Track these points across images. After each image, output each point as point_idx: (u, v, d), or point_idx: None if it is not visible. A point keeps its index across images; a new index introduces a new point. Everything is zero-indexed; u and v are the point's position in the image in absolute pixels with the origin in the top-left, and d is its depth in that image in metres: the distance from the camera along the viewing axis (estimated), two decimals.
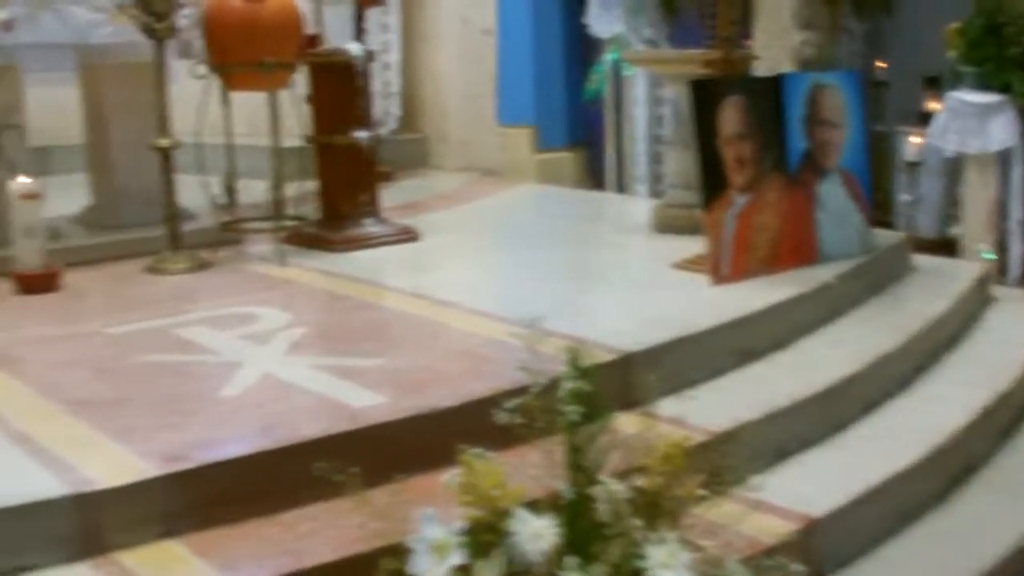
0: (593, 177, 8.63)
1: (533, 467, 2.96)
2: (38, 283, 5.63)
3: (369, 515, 2.86)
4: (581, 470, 2.92)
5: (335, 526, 3.32)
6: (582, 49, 8.47)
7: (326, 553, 3.25)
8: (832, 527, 3.87)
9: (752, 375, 4.68)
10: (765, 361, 4.80)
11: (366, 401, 3.89)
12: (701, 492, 2.99)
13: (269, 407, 3.89)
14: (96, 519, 3.28)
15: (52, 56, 6.35)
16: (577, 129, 8.70)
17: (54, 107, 7.69)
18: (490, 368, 4.17)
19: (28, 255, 5.68)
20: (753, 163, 5.36)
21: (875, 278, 5.75)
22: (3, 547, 3.18)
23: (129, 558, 3.25)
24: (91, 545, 3.27)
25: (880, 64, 8.31)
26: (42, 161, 7.68)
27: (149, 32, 5.90)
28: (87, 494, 3.28)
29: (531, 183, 8.40)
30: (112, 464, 3.44)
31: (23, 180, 5.73)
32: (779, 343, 4.93)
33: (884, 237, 6.16)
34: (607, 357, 4.18)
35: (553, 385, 2.94)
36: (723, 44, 5.60)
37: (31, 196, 5.69)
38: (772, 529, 3.62)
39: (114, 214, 6.64)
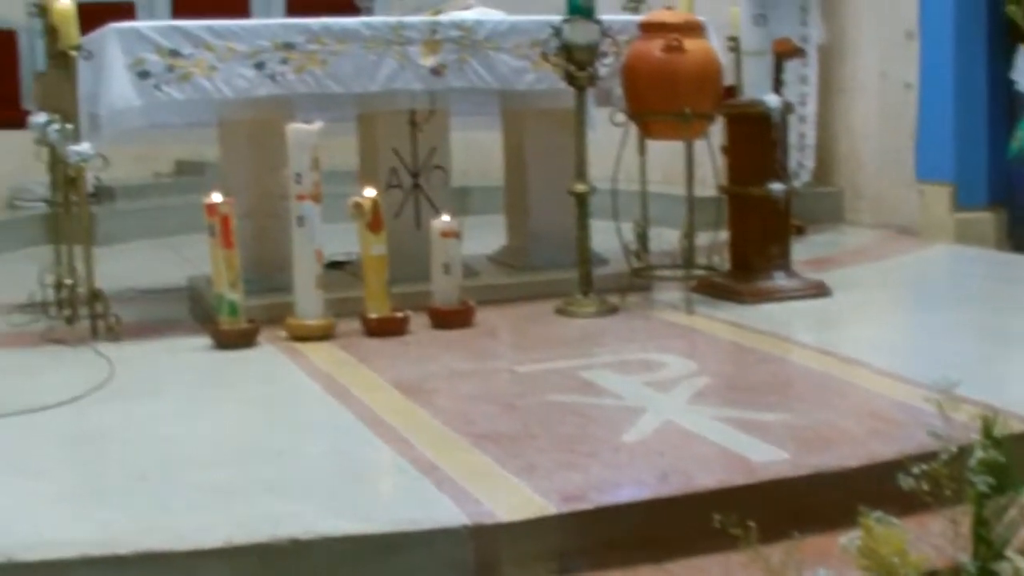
0: (1014, 239, 8.28)
1: (935, 536, 2.85)
2: (453, 319, 5.82)
3: (762, 571, 2.82)
4: (987, 543, 2.80)
5: None
6: (1007, 105, 8.15)
7: None
8: None
9: None
10: None
11: (766, 455, 3.83)
12: None
13: (669, 455, 3.88)
14: (493, 551, 3.35)
15: (477, 100, 6.58)
16: (999, 188, 8.36)
17: (476, 150, 7.99)
18: (897, 431, 4.04)
19: (445, 291, 5.89)
20: None
21: None
22: (403, 570, 3.29)
23: None
24: None
25: None
26: (462, 201, 8.00)
27: (571, 80, 6.04)
28: (486, 526, 3.35)
29: (948, 242, 8.14)
30: (512, 499, 3.50)
31: (444, 219, 5.95)
32: None
33: None
34: (1022, 428, 3.99)
35: (963, 453, 2.83)
36: None
37: (451, 234, 5.90)
38: None
39: (527, 255, 6.81)
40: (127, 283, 6.84)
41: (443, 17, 6.45)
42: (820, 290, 6.35)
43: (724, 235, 6.47)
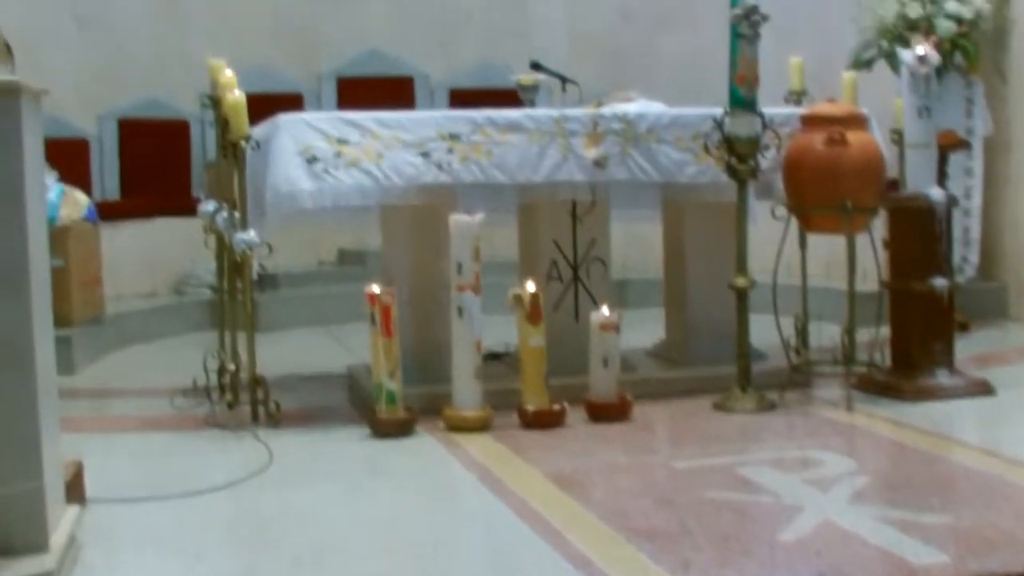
0: None
1: None
2: (610, 412, 5.81)
3: None
4: None
5: None
6: None
7: None
8: None
9: None
10: None
11: (928, 558, 3.74)
12: None
13: (827, 555, 3.81)
14: None
15: (638, 192, 6.58)
16: None
17: (636, 242, 7.99)
18: None
19: (602, 384, 5.87)
20: None
21: None
22: None
23: None
24: None
25: None
26: (621, 293, 7.99)
27: (732, 173, 6.03)
28: None
29: None
30: None
31: (603, 311, 5.95)
32: None
33: None
34: None
35: None
36: None
37: (610, 327, 5.89)
38: None
39: (686, 349, 6.78)
40: (288, 370, 6.96)
41: (605, 109, 6.48)
42: (984, 389, 6.21)
43: (886, 331, 6.37)
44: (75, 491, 4.26)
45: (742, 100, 5.99)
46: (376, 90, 11.03)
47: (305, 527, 4.27)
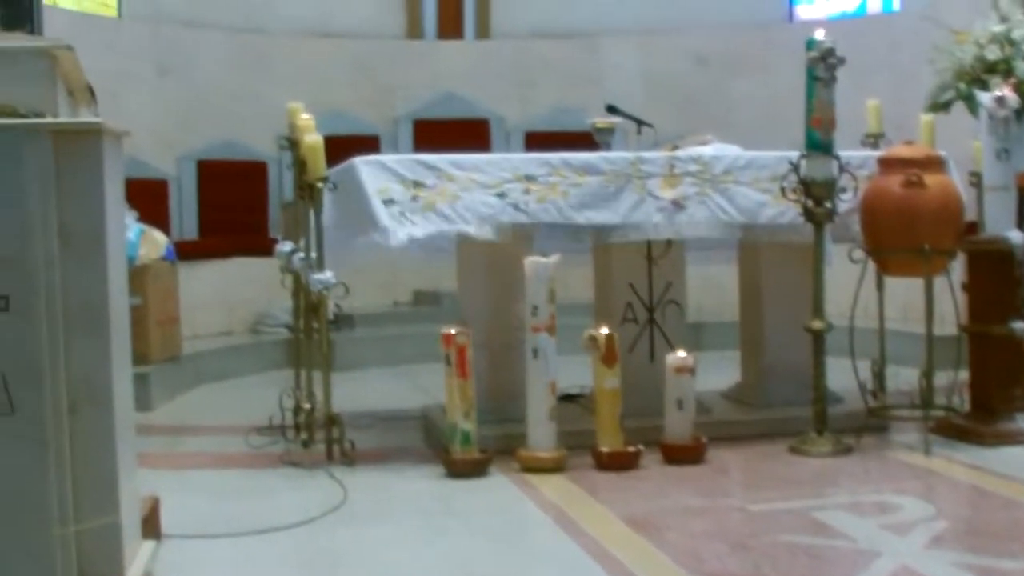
0: None
1: None
2: (685, 454, 5.78)
3: None
4: None
5: None
6: None
7: None
8: None
9: None
10: None
11: None
12: None
13: None
14: None
15: (715, 232, 6.54)
16: None
17: (711, 285, 7.95)
18: None
19: (677, 427, 5.84)
20: None
21: None
22: None
23: None
24: None
25: None
26: (696, 336, 7.95)
27: (808, 215, 5.99)
28: None
29: None
30: None
31: (679, 354, 5.93)
32: None
33: None
34: None
35: None
36: None
37: (685, 370, 5.87)
38: None
39: (761, 392, 6.73)
40: (363, 409, 6.98)
41: (680, 152, 6.46)
42: None
43: (964, 375, 6.30)
44: (151, 526, 4.29)
45: (819, 143, 5.97)
46: (452, 132, 11.10)
47: (379, 566, 4.28)
